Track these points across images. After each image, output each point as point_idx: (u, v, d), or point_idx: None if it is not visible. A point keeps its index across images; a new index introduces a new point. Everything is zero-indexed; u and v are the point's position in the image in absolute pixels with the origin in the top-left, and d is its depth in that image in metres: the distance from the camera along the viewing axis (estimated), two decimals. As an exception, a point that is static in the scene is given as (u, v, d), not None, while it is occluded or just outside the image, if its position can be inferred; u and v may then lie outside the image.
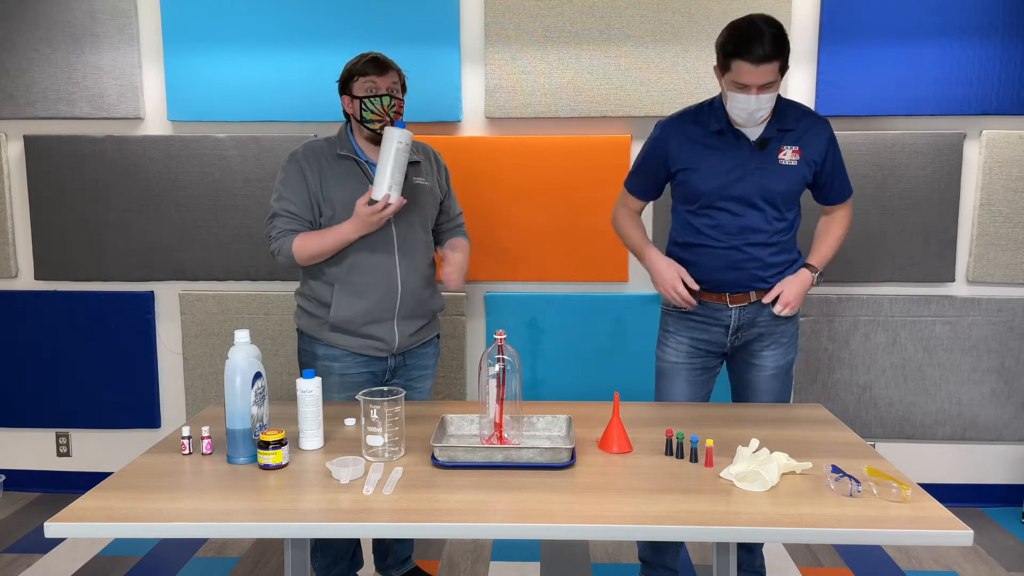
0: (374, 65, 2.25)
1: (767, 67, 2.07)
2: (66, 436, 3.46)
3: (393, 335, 2.34)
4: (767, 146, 2.23)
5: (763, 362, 2.36)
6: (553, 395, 3.22)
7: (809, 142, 2.25)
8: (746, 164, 2.23)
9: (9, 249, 3.33)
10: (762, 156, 2.23)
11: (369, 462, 1.80)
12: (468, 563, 2.86)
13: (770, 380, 2.37)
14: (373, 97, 2.24)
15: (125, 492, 1.67)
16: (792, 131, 2.24)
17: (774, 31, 2.08)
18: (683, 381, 2.40)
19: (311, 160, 2.29)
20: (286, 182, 2.30)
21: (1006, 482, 3.31)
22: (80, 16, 3.17)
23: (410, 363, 2.43)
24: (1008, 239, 3.15)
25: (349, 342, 2.33)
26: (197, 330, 3.31)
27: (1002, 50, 3.02)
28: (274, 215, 2.30)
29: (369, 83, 2.24)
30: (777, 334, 2.35)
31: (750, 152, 2.24)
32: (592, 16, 3.07)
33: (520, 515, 1.55)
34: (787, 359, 2.39)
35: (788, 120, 2.23)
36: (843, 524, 1.51)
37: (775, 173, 2.24)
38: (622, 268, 3.21)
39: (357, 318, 2.30)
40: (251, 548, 2.97)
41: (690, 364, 2.39)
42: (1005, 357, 3.21)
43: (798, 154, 2.24)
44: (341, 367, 2.33)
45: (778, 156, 2.24)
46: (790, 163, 2.23)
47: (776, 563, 2.83)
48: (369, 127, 2.26)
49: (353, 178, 2.29)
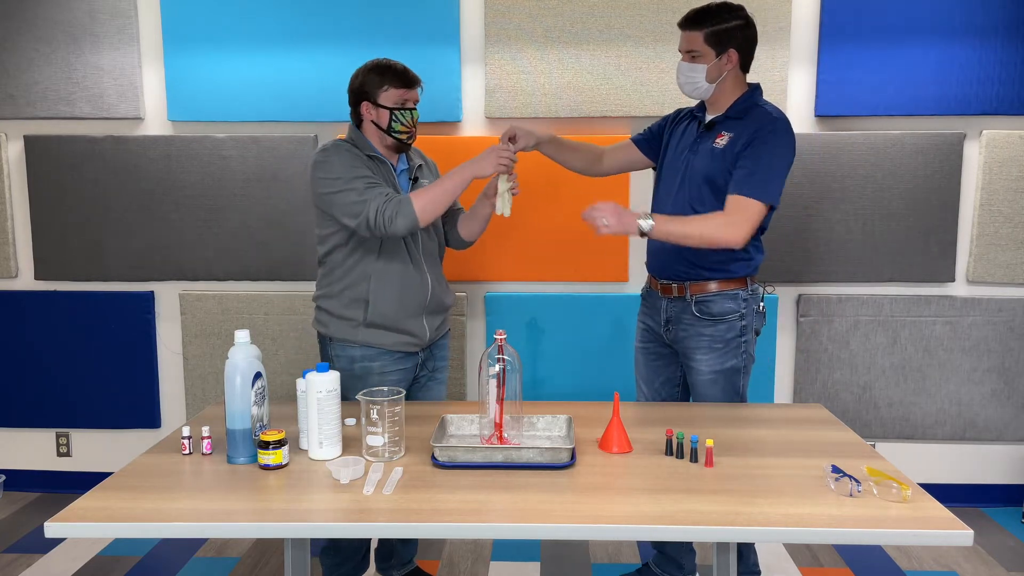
0: (404, 79, 2.27)
1: (687, 33, 2.25)
2: (66, 436, 3.46)
3: (424, 329, 2.36)
4: (712, 129, 2.31)
5: (698, 366, 2.36)
6: (553, 395, 3.22)
7: (742, 129, 2.25)
8: (691, 143, 2.34)
9: (9, 249, 3.33)
10: (704, 137, 2.31)
11: (369, 462, 1.80)
12: (468, 563, 2.86)
13: (708, 385, 2.35)
14: (403, 110, 2.27)
15: (125, 492, 1.67)
16: (738, 120, 2.27)
17: (708, 5, 2.25)
18: (642, 365, 2.54)
19: (351, 153, 2.27)
20: (350, 166, 2.21)
21: (1006, 482, 3.31)
22: (80, 16, 3.17)
23: (435, 354, 2.48)
24: (1008, 239, 3.15)
25: (384, 339, 2.31)
26: (197, 330, 3.31)
27: (1002, 50, 3.02)
28: (366, 187, 2.18)
29: (402, 95, 2.27)
30: (707, 338, 2.33)
31: (697, 133, 2.34)
32: (592, 16, 3.07)
33: (520, 515, 1.55)
34: (726, 366, 2.33)
35: (738, 109, 2.28)
36: (843, 524, 1.51)
37: (705, 154, 2.29)
38: (622, 268, 3.21)
39: (393, 312, 2.31)
40: (251, 548, 2.97)
41: (644, 348, 2.52)
42: (1005, 357, 3.20)
43: (730, 138, 2.25)
44: (380, 366, 2.32)
45: (715, 139, 2.28)
46: (720, 147, 2.26)
47: (776, 563, 2.83)
48: (397, 137, 2.29)
49: (386, 175, 2.31)
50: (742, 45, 2.27)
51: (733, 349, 2.33)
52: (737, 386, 2.37)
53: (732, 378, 2.35)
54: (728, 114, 2.29)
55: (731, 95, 2.30)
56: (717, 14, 2.25)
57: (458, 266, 3.16)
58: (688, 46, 2.26)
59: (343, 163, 2.22)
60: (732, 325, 2.32)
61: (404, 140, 2.31)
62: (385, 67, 2.28)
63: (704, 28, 2.23)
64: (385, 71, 2.28)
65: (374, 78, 2.28)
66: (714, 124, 2.30)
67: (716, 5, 2.27)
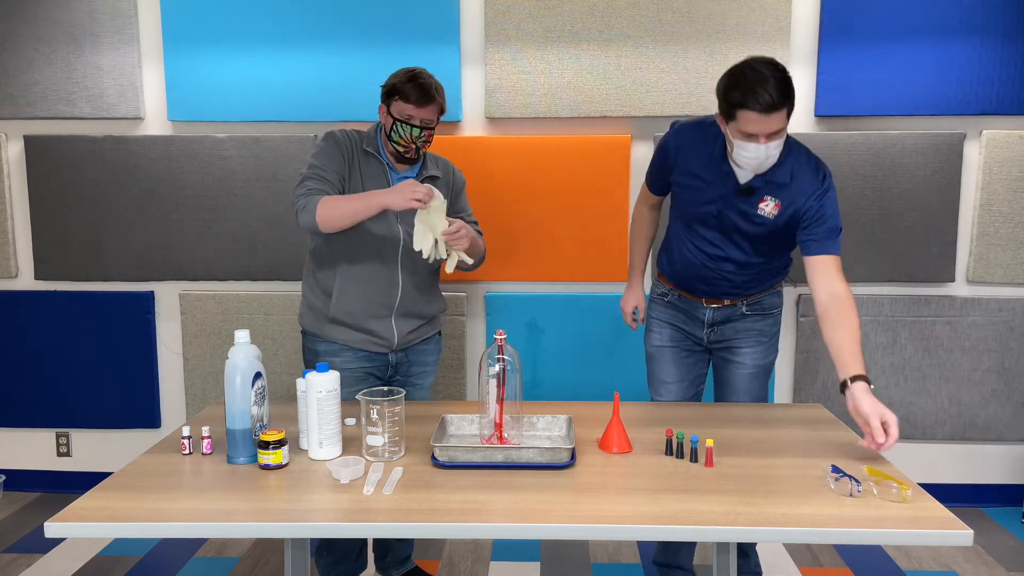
0: (418, 95, 2.22)
1: (776, 115, 1.96)
2: (66, 436, 3.46)
3: (392, 331, 2.35)
4: (753, 194, 2.15)
5: (743, 359, 2.36)
6: (553, 395, 3.22)
7: (793, 197, 2.13)
8: (728, 202, 2.18)
9: (9, 249, 3.33)
10: (744, 201, 2.16)
11: (369, 462, 1.80)
12: (468, 563, 2.86)
13: (749, 379, 2.37)
14: (405, 124, 2.24)
15: (125, 492, 1.67)
16: (783, 187, 2.13)
17: (779, 75, 1.94)
18: (669, 363, 2.43)
19: (347, 144, 2.31)
20: (320, 154, 2.29)
21: (1006, 482, 3.31)
22: (80, 16, 3.17)
23: (412, 359, 2.45)
24: (1008, 239, 3.15)
25: (349, 336, 2.34)
26: (197, 330, 3.31)
27: (1002, 50, 3.02)
28: (305, 177, 2.26)
29: (408, 110, 2.23)
30: (756, 332, 2.36)
31: (734, 193, 2.16)
32: (592, 16, 3.07)
33: (520, 515, 1.55)
34: (767, 359, 2.38)
35: (781, 173, 2.12)
36: (843, 524, 1.51)
37: (752, 220, 2.18)
38: (622, 268, 3.21)
39: (357, 309, 2.32)
40: (251, 548, 2.97)
41: (675, 346, 2.44)
42: (1005, 357, 3.20)
43: (778, 208, 2.14)
44: (342, 362, 2.33)
45: (759, 205, 2.15)
46: (768, 216, 2.16)
47: (776, 563, 2.83)
48: (394, 146, 2.29)
49: (376, 176, 2.31)
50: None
51: (774, 344, 2.39)
52: (770, 380, 2.43)
53: (769, 372, 2.41)
54: (768, 178, 2.12)
55: None
56: (789, 81, 1.97)
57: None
58: (775, 127, 1.98)
59: (320, 152, 2.28)
60: (777, 320, 2.38)
61: (402, 152, 2.29)
62: (408, 79, 2.25)
63: (790, 102, 1.98)
64: (406, 82, 2.24)
65: (395, 85, 2.26)
66: (753, 189, 2.14)
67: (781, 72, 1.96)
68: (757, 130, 1.98)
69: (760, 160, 2.04)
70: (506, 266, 3.22)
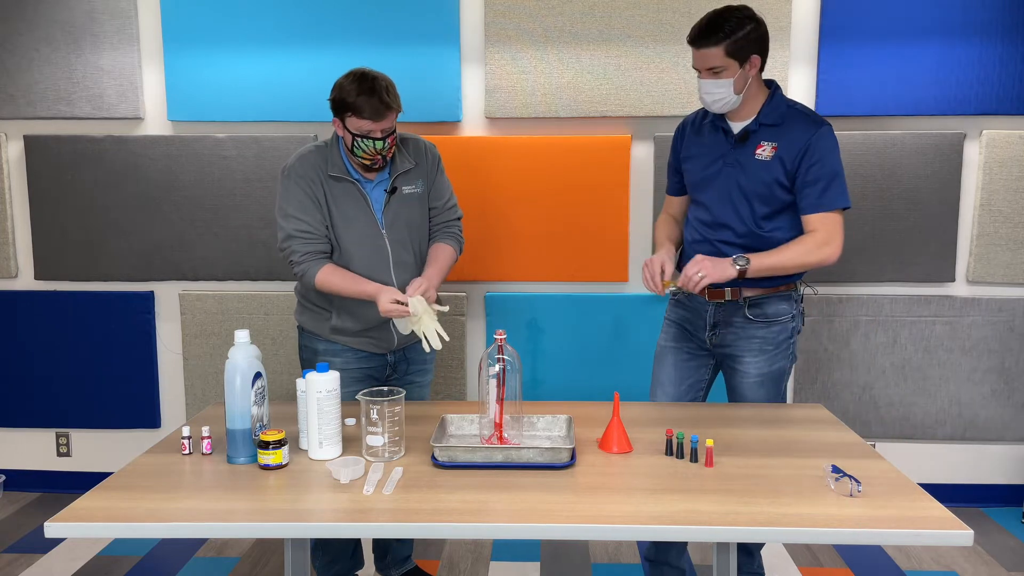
0: (372, 110, 2.11)
1: (705, 51, 2.13)
2: (66, 436, 3.46)
3: (391, 335, 2.36)
4: (747, 139, 2.23)
5: (746, 368, 2.32)
6: (553, 395, 3.22)
7: (789, 139, 2.18)
8: (725, 157, 2.25)
9: (9, 249, 3.33)
10: (740, 150, 2.23)
11: (369, 462, 1.80)
12: (468, 563, 2.86)
13: (754, 388, 2.32)
14: (366, 138, 2.16)
15: (125, 492, 1.67)
16: (776, 127, 2.20)
17: (715, 14, 2.13)
18: (670, 365, 2.44)
19: (313, 177, 2.24)
20: (290, 199, 2.24)
21: (1006, 482, 3.31)
22: (80, 16, 3.17)
23: (411, 357, 2.46)
24: (1008, 239, 3.15)
25: (348, 339, 2.36)
26: (197, 330, 3.31)
27: (1002, 50, 3.02)
28: (289, 236, 2.24)
29: (365, 126, 2.14)
30: (759, 339, 2.30)
31: (730, 146, 2.25)
32: (592, 16, 3.07)
33: (520, 515, 1.55)
34: (774, 368, 2.31)
35: (774, 116, 2.20)
36: (843, 524, 1.51)
37: (750, 168, 2.21)
38: (622, 268, 3.21)
39: (356, 327, 2.34)
40: (251, 548, 2.97)
41: (677, 347, 2.43)
42: (1005, 357, 3.20)
43: (775, 150, 2.19)
44: (342, 362, 2.33)
45: (755, 151, 2.21)
46: (765, 159, 2.19)
47: (776, 563, 2.83)
48: (360, 160, 2.22)
49: (350, 195, 2.27)
50: (761, 47, 2.17)
51: (783, 351, 2.32)
52: (781, 387, 2.36)
53: (778, 380, 2.34)
54: (761, 121, 2.20)
55: (757, 100, 2.22)
56: (729, 23, 2.12)
57: (458, 266, 3.13)
58: (708, 63, 2.14)
59: (288, 195, 2.25)
60: (784, 327, 2.31)
61: (368, 165, 2.23)
62: (358, 91, 2.12)
63: (721, 42, 2.11)
64: (356, 96, 2.12)
65: (344, 99, 2.14)
66: (748, 134, 2.22)
67: (723, 13, 2.14)
68: (697, 64, 2.17)
69: (702, 96, 2.20)
70: (506, 266, 3.22)
